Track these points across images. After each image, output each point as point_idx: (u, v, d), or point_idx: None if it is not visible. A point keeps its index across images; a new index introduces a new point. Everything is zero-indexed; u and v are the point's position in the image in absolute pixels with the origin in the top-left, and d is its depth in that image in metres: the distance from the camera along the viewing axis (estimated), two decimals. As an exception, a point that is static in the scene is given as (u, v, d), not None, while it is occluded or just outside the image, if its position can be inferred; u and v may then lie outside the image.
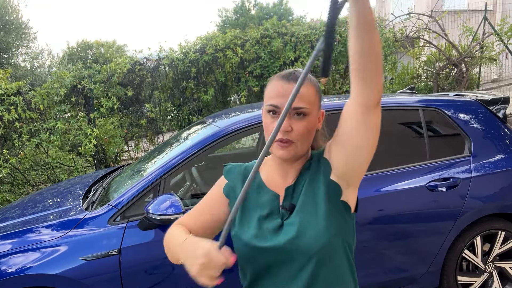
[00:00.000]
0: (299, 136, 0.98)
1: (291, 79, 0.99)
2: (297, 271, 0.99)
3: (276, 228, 1.00)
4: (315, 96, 1.01)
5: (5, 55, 13.28)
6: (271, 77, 1.06)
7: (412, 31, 6.41)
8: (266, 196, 1.06)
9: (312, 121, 1.01)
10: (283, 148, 0.99)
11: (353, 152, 0.95)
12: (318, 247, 0.97)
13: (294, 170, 1.06)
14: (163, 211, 2.02)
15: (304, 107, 0.98)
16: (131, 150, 6.12)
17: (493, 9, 14.67)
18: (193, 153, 2.32)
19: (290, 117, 0.98)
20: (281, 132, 0.97)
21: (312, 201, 1.00)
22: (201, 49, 5.58)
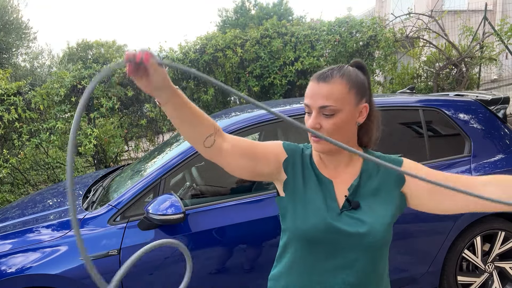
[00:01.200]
0: (328, 133, 1.03)
1: (321, 79, 1.04)
2: (352, 261, 1.05)
3: (337, 215, 1.06)
4: (347, 92, 1.03)
5: (5, 55, 13.28)
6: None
7: (412, 31, 6.40)
8: (321, 180, 1.11)
9: (343, 118, 1.03)
10: (315, 142, 1.05)
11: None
12: (379, 247, 1.05)
13: (339, 160, 1.10)
14: (163, 211, 2.02)
15: (330, 105, 1.01)
16: (131, 150, 6.12)
17: (493, 9, 14.67)
18: (193, 153, 2.32)
19: (319, 114, 1.03)
20: (310, 128, 1.02)
21: (382, 206, 1.06)
22: (201, 49, 5.58)
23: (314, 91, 1.04)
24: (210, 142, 1.01)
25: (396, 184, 1.07)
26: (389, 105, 2.62)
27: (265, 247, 2.24)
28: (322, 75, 1.04)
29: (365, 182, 1.09)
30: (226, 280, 2.22)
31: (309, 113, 1.06)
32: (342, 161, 1.11)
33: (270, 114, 2.47)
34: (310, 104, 1.04)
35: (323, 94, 1.01)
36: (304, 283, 1.09)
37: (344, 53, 5.91)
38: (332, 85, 1.02)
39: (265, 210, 2.26)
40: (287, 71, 5.69)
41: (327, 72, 1.04)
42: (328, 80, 1.02)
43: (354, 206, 1.06)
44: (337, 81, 1.03)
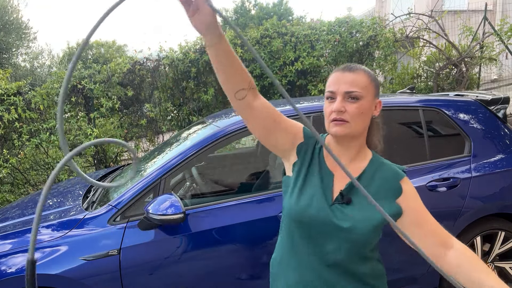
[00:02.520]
0: (351, 117, 1.10)
1: (346, 69, 1.13)
2: (333, 250, 1.12)
3: (327, 206, 1.12)
4: (369, 83, 1.13)
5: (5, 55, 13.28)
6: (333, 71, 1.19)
7: (412, 31, 6.40)
8: (324, 171, 1.18)
9: (365, 105, 1.12)
10: (337, 125, 1.11)
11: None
12: (361, 244, 1.12)
13: (348, 153, 1.17)
14: (163, 211, 2.02)
15: (356, 91, 1.10)
16: (131, 150, 6.12)
17: (493, 9, 14.66)
18: (193, 153, 2.32)
19: (344, 99, 1.10)
20: (335, 112, 1.10)
21: (373, 208, 1.11)
22: (201, 49, 5.58)
23: (339, 78, 1.12)
24: (241, 95, 1.07)
25: (393, 193, 1.13)
26: (389, 105, 2.62)
27: (265, 247, 2.24)
28: (347, 66, 1.14)
29: (364, 182, 1.14)
30: (226, 280, 2.21)
31: (332, 100, 1.13)
32: (348, 155, 1.17)
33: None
34: (335, 90, 1.12)
35: (349, 80, 1.10)
36: (286, 258, 1.20)
37: (344, 53, 5.91)
38: (357, 75, 1.12)
39: (265, 210, 2.26)
40: (287, 71, 5.69)
41: (351, 65, 1.15)
42: (353, 70, 1.12)
43: (345, 201, 1.12)
44: (361, 72, 1.13)
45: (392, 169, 1.16)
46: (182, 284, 2.14)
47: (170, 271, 2.12)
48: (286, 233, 1.20)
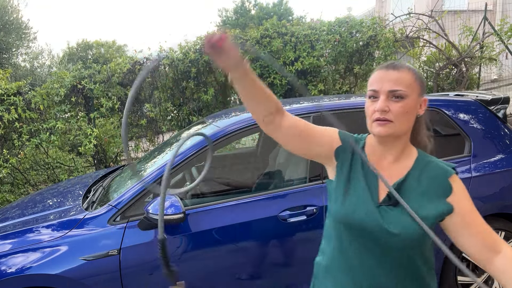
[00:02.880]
0: (395, 116, 1.07)
1: (390, 67, 1.10)
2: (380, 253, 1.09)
3: (375, 208, 1.10)
4: (414, 82, 1.09)
5: (5, 55, 13.28)
6: (376, 68, 1.17)
7: (412, 31, 6.40)
8: (368, 172, 1.16)
9: (410, 104, 1.08)
10: (381, 125, 1.08)
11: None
12: (410, 247, 1.08)
13: (392, 152, 1.14)
14: (163, 211, 2.02)
15: (400, 89, 1.07)
16: (131, 150, 6.12)
17: (493, 9, 14.66)
18: (193, 153, 2.32)
19: (388, 98, 1.08)
20: (379, 111, 1.07)
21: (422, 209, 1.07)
22: (201, 49, 5.58)
23: (382, 77, 1.09)
24: (269, 119, 1.11)
25: (443, 191, 1.09)
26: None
27: (265, 247, 2.24)
28: (391, 64, 1.11)
29: (411, 182, 1.11)
30: (226, 280, 2.21)
31: (374, 99, 1.10)
32: (392, 155, 1.14)
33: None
34: (378, 89, 1.09)
35: (393, 79, 1.07)
36: (335, 262, 1.17)
37: (344, 53, 5.91)
38: (402, 73, 1.09)
39: (265, 210, 2.26)
40: (287, 71, 5.69)
41: (395, 63, 1.12)
42: (397, 68, 1.09)
43: (393, 203, 1.09)
44: (405, 70, 1.10)
45: (440, 167, 1.12)
46: (182, 284, 2.14)
47: (170, 271, 2.12)
48: (335, 236, 1.17)
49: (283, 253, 2.28)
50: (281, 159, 2.81)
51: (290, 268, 2.29)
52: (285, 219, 2.25)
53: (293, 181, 2.48)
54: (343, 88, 6.08)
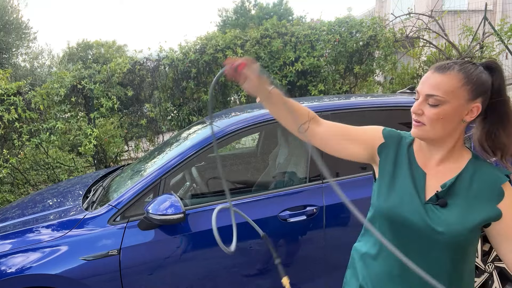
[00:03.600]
0: (429, 121, 1.06)
1: (438, 69, 1.07)
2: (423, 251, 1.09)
3: (421, 205, 1.09)
4: (460, 87, 1.03)
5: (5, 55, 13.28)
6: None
7: (412, 31, 6.40)
8: (415, 169, 1.15)
9: (448, 111, 1.04)
10: (415, 126, 1.09)
11: None
12: (453, 248, 1.07)
13: (437, 153, 1.12)
14: (163, 211, 2.02)
15: (437, 95, 1.04)
16: (131, 150, 6.12)
17: (493, 9, 14.67)
18: (193, 153, 2.32)
19: (425, 102, 1.06)
20: (413, 113, 1.08)
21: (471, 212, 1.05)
22: (201, 49, 5.58)
23: (427, 78, 1.08)
24: (304, 128, 1.18)
25: (495, 197, 1.05)
26: (389, 105, 2.62)
27: (265, 247, 2.24)
28: (441, 66, 1.08)
29: (462, 184, 1.08)
30: (227, 280, 2.21)
31: (417, 99, 1.10)
32: (439, 155, 1.12)
33: (269, 115, 2.47)
34: (419, 90, 1.08)
35: (433, 83, 1.05)
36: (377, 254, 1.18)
37: (344, 53, 5.91)
38: (446, 77, 1.04)
39: (265, 210, 2.26)
40: (287, 71, 5.69)
41: (447, 64, 1.08)
42: (444, 71, 1.05)
43: (440, 203, 1.07)
44: (452, 74, 1.05)
45: (493, 173, 1.08)
46: (182, 284, 2.14)
47: (170, 271, 2.12)
48: (378, 229, 1.17)
49: (283, 253, 2.28)
50: (281, 159, 2.81)
51: (290, 268, 2.29)
52: (285, 219, 2.25)
53: (293, 181, 2.48)
54: (343, 88, 6.08)
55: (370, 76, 6.36)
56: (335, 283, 2.32)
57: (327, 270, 2.34)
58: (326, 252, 2.31)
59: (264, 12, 24.22)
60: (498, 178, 1.06)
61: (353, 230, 2.30)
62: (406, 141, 1.19)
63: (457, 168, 1.10)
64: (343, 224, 2.33)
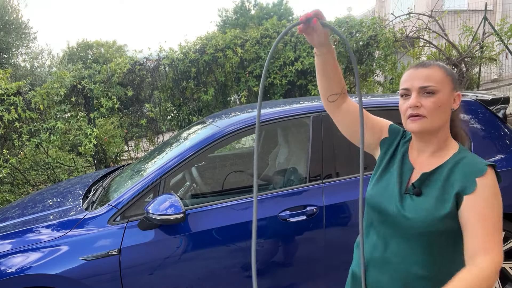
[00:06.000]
0: (428, 111, 1.11)
1: (420, 66, 1.15)
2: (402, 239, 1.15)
3: (398, 195, 1.17)
4: (445, 77, 1.13)
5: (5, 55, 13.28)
6: (407, 68, 1.24)
7: (412, 31, 6.40)
8: (405, 164, 1.23)
9: (442, 99, 1.12)
10: (413, 121, 1.13)
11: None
12: (428, 234, 1.11)
13: (429, 147, 1.18)
14: (163, 211, 2.02)
15: (430, 85, 1.11)
16: (131, 150, 6.12)
17: (493, 9, 14.67)
18: (193, 153, 2.32)
19: (419, 95, 1.12)
20: (411, 107, 1.12)
21: (442, 201, 1.10)
22: (201, 49, 5.58)
23: (413, 75, 1.14)
24: (333, 98, 1.26)
25: (465, 188, 1.07)
26: (389, 105, 2.62)
27: (265, 247, 2.24)
28: (421, 63, 1.17)
29: (440, 175, 1.13)
30: (226, 280, 2.21)
31: (406, 97, 1.15)
32: (428, 151, 1.19)
33: (269, 114, 2.47)
34: (409, 87, 1.14)
35: (423, 76, 1.12)
36: (366, 240, 1.27)
37: (344, 53, 5.91)
38: (432, 70, 1.13)
39: (265, 210, 2.26)
40: (287, 71, 5.69)
41: (425, 61, 1.17)
42: (427, 66, 1.14)
43: (415, 192, 1.15)
44: (435, 67, 1.14)
45: (474, 165, 1.09)
46: (182, 284, 2.14)
47: (170, 271, 2.12)
48: (366, 217, 1.28)
49: (283, 253, 2.28)
50: (281, 159, 2.81)
51: (290, 268, 2.29)
52: (285, 219, 2.25)
53: (293, 181, 2.48)
54: (343, 88, 6.08)
55: (370, 76, 6.36)
56: (335, 283, 2.32)
57: (327, 270, 2.34)
58: (326, 252, 2.31)
59: (264, 12, 24.22)
60: (477, 170, 1.08)
61: (353, 230, 2.30)
62: (406, 138, 1.27)
63: (442, 161, 1.16)
64: (343, 224, 2.33)
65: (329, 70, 1.21)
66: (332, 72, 1.22)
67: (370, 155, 1.37)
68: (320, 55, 1.19)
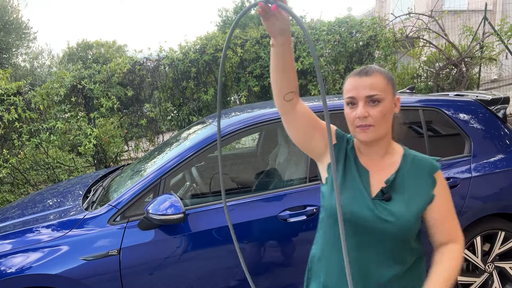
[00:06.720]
0: (376, 120, 1.14)
1: (363, 74, 1.16)
2: (377, 242, 1.18)
3: (370, 201, 1.18)
4: (386, 84, 1.17)
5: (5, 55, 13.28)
6: (348, 75, 1.23)
7: (412, 31, 6.40)
8: (359, 168, 1.24)
9: (387, 106, 1.16)
10: (363, 131, 1.15)
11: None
12: (403, 235, 1.17)
13: (378, 151, 1.23)
14: (163, 211, 2.02)
15: (376, 93, 1.14)
16: (131, 150, 6.12)
17: (493, 9, 14.67)
18: (193, 153, 2.32)
19: (366, 104, 1.14)
20: (360, 118, 1.14)
21: (412, 202, 1.17)
22: (201, 49, 5.58)
23: (358, 84, 1.16)
24: (290, 97, 1.17)
25: (430, 184, 1.18)
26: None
27: (265, 247, 2.24)
28: (363, 71, 1.17)
29: (401, 177, 1.19)
30: (226, 280, 2.21)
31: (353, 105, 1.17)
32: (378, 153, 1.23)
33: (269, 115, 2.47)
34: (356, 96, 1.15)
35: (368, 85, 1.14)
36: (326, 254, 1.27)
37: (344, 53, 5.91)
38: (374, 78, 1.15)
39: (265, 210, 2.26)
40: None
41: (366, 68, 1.18)
42: (369, 74, 1.16)
43: (386, 198, 1.17)
44: (377, 75, 1.16)
45: (426, 163, 1.20)
46: (182, 284, 2.14)
47: (170, 271, 2.12)
48: (329, 230, 1.26)
49: (283, 253, 2.28)
50: (281, 159, 2.81)
51: (290, 268, 2.29)
52: (285, 219, 2.25)
53: (293, 181, 2.48)
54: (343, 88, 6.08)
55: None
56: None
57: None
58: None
59: (264, 12, 24.16)
60: (431, 167, 1.20)
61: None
62: (350, 145, 1.28)
63: (395, 163, 1.22)
64: (343, 224, 2.33)
65: (287, 64, 1.12)
66: (289, 67, 1.13)
67: None
68: (278, 46, 1.09)
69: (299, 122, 1.21)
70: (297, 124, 1.21)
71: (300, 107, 1.20)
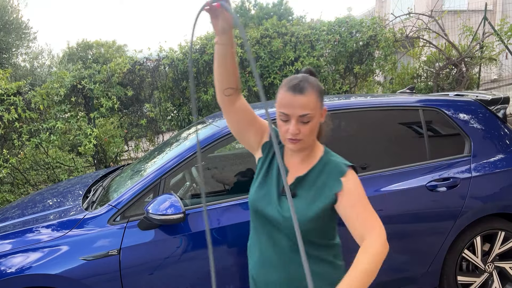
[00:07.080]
0: (305, 135, 1.24)
1: (297, 91, 1.21)
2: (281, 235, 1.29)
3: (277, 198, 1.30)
4: (317, 100, 1.24)
5: (5, 55, 13.28)
6: (283, 82, 1.29)
7: (412, 31, 6.40)
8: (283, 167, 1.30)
9: (316, 122, 1.25)
10: (292, 143, 1.25)
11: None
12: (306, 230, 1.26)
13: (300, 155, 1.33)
14: (163, 211, 2.02)
15: (308, 113, 1.21)
16: (131, 150, 6.12)
17: (493, 9, 14.67)
18: (193, 153, 2.32)
19: (298, 122, 1.22)
20: (291, 134, 1.22)
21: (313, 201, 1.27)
22: (201, 49, 5.58)
23: (292, 102, 1.22)
24: (229, 92, 1.28)
25: (335, 185, 1.26)
26: (389, 105, 2.62)
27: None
28: (297, 87, 1.22)
29: (311, 177, 1.29)
30: (226, 280, 2.21)
31: (286, 121, 1.24)
32: (300, 157, 1.34)
33: (269, 115, 2.47)
34: (289, 113, 1.22)
35: (301, 104, 1.20)
36: (252, 241, 1.41)
37: (344, 53, 5.91)
38: (307, 97, 1.22)
39: (265, 210, 2.26)
40: (287, 71, 5.69)
41: (300, 84, 1.23)
42: (303, 92, 1.21)
43: (291, 194, 1.26)
44: (310, 93, 1.23)
45: (337, 166, 1.28)
46: (182, 284, 2.14)
47: (170, 271, 2.12)
48: (251, 221, 1.40)
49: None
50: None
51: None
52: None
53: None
54: (343, 88, 6.08)
55: (370, 76, 6.36)
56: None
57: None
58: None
59: (264, 12, 24.21)
60: (339, 171, 1.27)
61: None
62: (281, 144, 1.36)
63: (311, 164, 1.32)
64: (343, 224, 2.33)
65: (228, 61, 1.22)
66: (230, 64, 1.23)
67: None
68: (222, 45, 1.20)
69: (237, 116, 1.34)
70: (234, 118, 1.35)
71: (240, 104, 1.32)
